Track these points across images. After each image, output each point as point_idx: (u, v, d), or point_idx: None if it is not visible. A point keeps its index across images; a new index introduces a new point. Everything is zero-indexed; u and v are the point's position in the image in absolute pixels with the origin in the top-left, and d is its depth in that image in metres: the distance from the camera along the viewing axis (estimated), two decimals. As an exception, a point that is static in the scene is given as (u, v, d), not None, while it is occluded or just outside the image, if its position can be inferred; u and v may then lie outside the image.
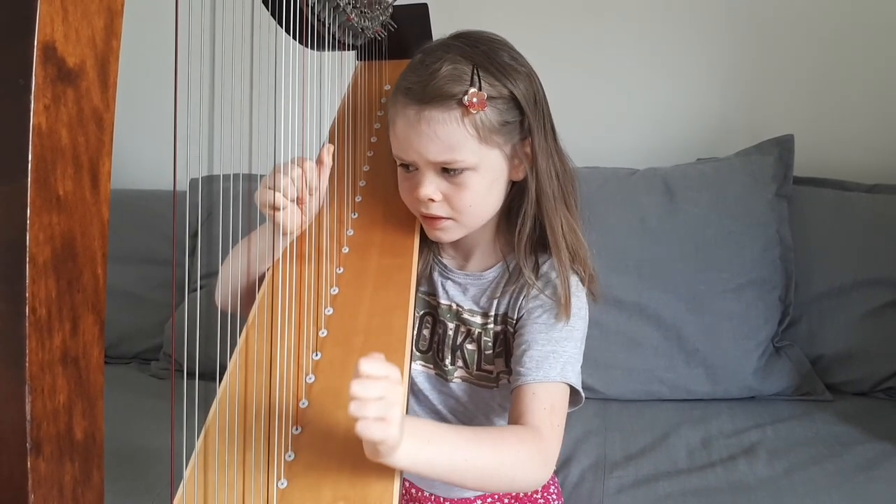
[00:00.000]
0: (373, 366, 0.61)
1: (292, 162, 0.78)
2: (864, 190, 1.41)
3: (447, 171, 0.79)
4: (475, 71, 0.76)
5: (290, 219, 0.79)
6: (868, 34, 1.49)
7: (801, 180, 1.40)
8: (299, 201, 0.79)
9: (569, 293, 0.81)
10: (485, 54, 0.79)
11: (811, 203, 1.38)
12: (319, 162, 0.80)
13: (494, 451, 0.70)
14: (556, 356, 0.78)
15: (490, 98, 0.77)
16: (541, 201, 0.82)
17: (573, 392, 0.79)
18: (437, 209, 0.81)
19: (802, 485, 1.04)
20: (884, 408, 1.26)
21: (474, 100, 0.75)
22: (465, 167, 0.78)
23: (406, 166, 0.82)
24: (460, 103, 0.76)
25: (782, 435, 1.18)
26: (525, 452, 0.71)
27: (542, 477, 0.74)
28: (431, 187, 0.79)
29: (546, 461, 0.73)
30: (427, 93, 0.76)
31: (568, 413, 0.80)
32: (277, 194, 0.77)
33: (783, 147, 1.37)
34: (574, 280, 0.83)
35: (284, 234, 0.80)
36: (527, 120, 0.80)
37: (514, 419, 0.76)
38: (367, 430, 0.59)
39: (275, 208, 0.78)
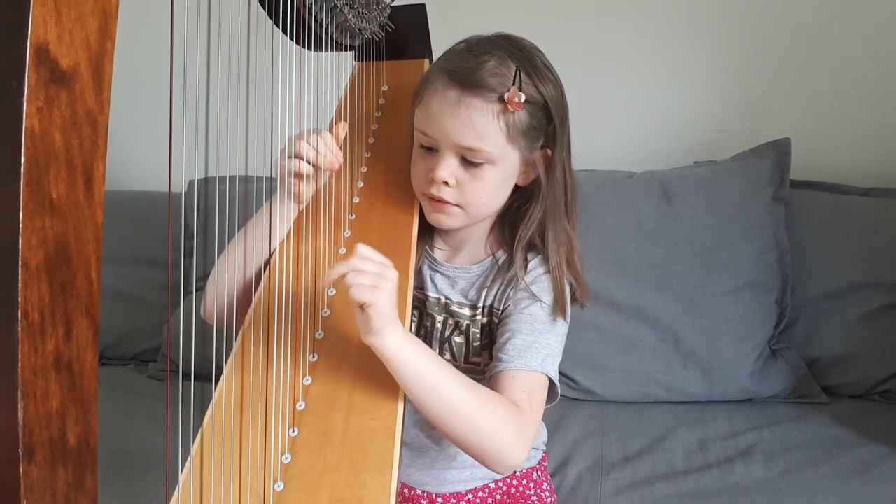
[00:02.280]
0: (370, 250, 0.69)
1: (309, 131, 0.80)
2: (860, 193, 1.41)
3: (467, 161, 0.82)
4: (518, 72, 0.80)
5: (310, 186, 0.83)
6: (865, 38, 1.49)
7: (797, 183, 1.40)
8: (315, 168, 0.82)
9: (564, 294, 0.84)
10: (527, 59, 0.82)
11: (808, 206, 1.38)
12: (336, 136, 0.83)
13: (475, 397, 0.73)
14: (538, 347, 0.80)
15: (525, 101, 0.79)
16: (550, 209, 0.85)
17: (550, 389, 0.81)
18: (447, 194, 0.83)
19: (799, 487, 1.04)
20: (880, 410, 1.26)
21: (515, 99, 0.78)
22: (487, 159, 0.81)
23: (426, 147, 0.84)
24: (501, 99, 0.79)
25: (779, 437, 1.18)
26: (502, 414, 0.74)
27: (514, 448, 0.74)
28: (448, 170, 0.82)
29: (521, 435, 0.74)
30: (473, 80, 0.79)
31: (551, 408, 0.82)
32: (302, 162, 0.80)
33: (780, 150, 1.37)
34: (566, 284, 0.86)
35: (300, 202, 0.84)
36: (553, 128, 0.83)
37: None
38: (359, 292, 0.66)
39: (298, 176, 0.81)
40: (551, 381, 0.81)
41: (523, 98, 0.79)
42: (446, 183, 0.82)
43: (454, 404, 0.71)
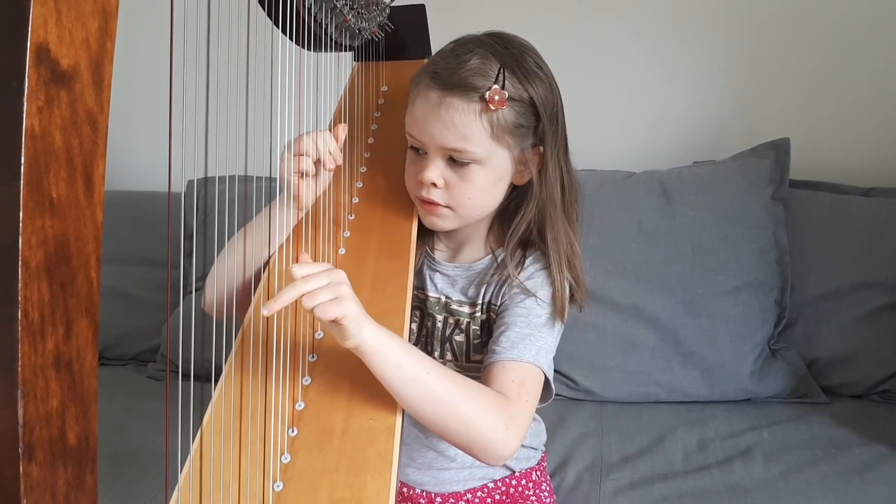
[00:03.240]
0: (305, 266, 0.66)
1: (308, 133, 0.80)
2: (860, 193, 1.41)
3: (454, 161, 0.81)
4: (501, 70, 0.79)
5: (312, 189, 0.82)
6: (865, 38, 1.49)
7: (797, 183, 1.40)
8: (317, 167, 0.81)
9: (564, 294, 0.84)
10: (513, 57, 0.81)
11: (807, 206, 1.38)
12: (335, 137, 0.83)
13: (457, 386, 0.72)
14: (532, 339, 0.80)
15: (510, 99, 0.79)
16: (545, 208, 0.84)
17: (544, 387, 0.80)
18: (436, 195, 0.83)
19: (798, 487, 1.04)
20: (879, 410, 1.26)
21: (496, 97, 0.77)
22: (473, 159, 0.81)
23: (416, 149, 0.84)
24: (482, 98, 0.78)
25: (778, 437, 1.18)
26: (487, 402, 0.73)
27: (502, 437, 0.72)
28: (436, 172, 0.82)
29: (510, 424, 0.73)
30: (452, 80, 0.79)
31: (547, 406, 0.82)
32: (306, 159, 0.79)
33: (779, 150, 1.37)
34: (565, 284, 0.85)
35: (300, 207, 0.82)
36: (541, 127, 0.82)
37: None
38: (326, 311, 0.64)
39: (302, 174, 0.80)
40: (546, 378, 0.80)
41: (506, 96, 0.78)
42: (435, 185, 0.82)
43: (437, 393, 0.70)
